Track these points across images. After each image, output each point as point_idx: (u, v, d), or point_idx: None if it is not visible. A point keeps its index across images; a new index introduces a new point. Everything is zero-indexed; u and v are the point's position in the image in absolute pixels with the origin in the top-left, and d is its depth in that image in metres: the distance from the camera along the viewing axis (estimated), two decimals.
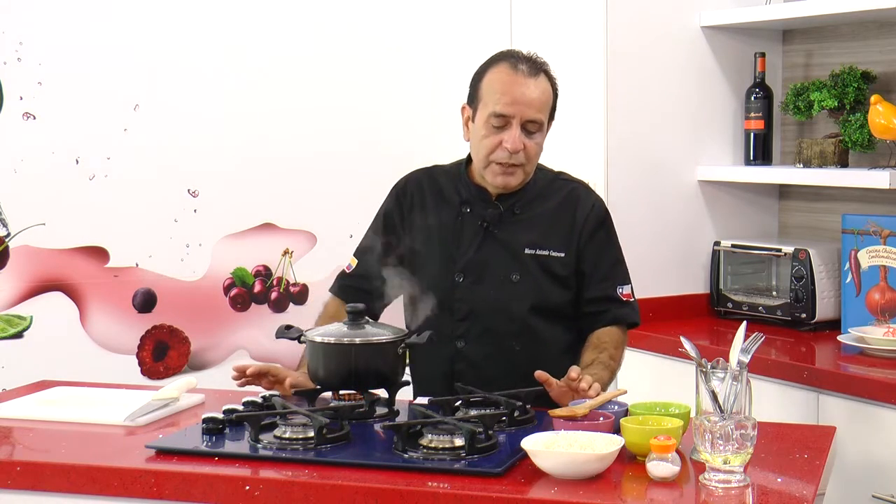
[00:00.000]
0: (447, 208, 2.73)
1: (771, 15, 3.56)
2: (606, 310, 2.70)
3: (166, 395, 2.61)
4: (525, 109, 2.59)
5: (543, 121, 2.64)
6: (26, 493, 2.23)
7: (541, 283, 2.67)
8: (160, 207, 3.72)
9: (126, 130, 3.67)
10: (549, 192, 2.73)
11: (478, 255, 2.68)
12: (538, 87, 2.61)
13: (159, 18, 3.71)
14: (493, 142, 2.61)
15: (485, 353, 2.66)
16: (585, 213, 2.71)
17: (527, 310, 2.66)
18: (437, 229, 2.72)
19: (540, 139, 2.65)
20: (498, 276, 2.67)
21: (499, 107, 2.59)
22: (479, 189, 2.71)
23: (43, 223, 3.58)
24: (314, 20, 3.93)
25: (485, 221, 2.69)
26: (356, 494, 2.06)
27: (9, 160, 3.53)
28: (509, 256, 2.67)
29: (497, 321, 2.66)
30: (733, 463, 2.02)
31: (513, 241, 2.68)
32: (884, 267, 3.26)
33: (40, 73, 3.55)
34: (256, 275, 3.89)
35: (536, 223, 2.69)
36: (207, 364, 3.82)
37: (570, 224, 2.70)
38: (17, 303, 3.56)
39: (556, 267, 2.68)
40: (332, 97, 3.94)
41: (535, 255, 2.67)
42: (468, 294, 2.67)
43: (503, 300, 2.66)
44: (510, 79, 2.60)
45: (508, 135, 2.59)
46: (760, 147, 3.75)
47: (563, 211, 2.71)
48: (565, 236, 2.69)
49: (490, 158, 2.63)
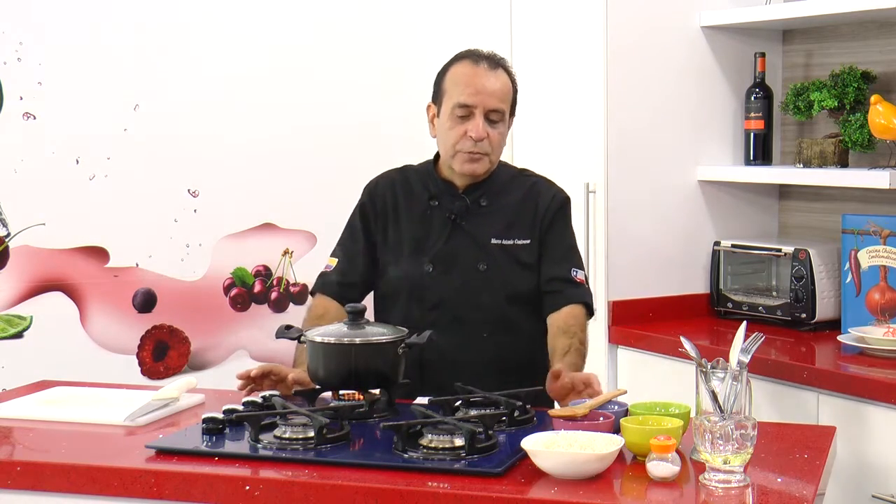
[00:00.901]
0: (416, 203, 2.83)
1: (771, 15, 3.55)
2: (561, 290, 2.78)
3: (166, 395, 2.62)
4: (487, 99, 2.72)
5: (505, 111, 2.76)
6: (26, 493, 2.23)
7: (508, 271, 2.77)
8: (160, 207, 3.72)
9: (126, 130, 3.67)
10: (513, 186, 2.84)
11: (446, 247, 2.78)
12: (499, 80, 2.75)
13: (159, 18, 3.71)
14: (458, 132, 2.73)
15: (454, 341, 2.72)
16: (547, 202, 2.83)
17: (495, 298, 2.76)
18: (408, 223, 2.82)
19: (503, 129, 2.78)
20: (466, 265, 2.77)
21: (462, 97, 2.72)
22: (446, 183, 2.82)
23: (43, 223, 3.58)
24: (314, 21, 3.93)
25: (452, 214, 2.79)
26: (356, 494, 2.06)
27: (9, 160, 3.53)
28: (476, 247, 2.77)
29: (466, 310, 2.75)
30: (733, 463, 2.02)
31: (479, 231, 2.78)
32: (884, 267, 3.26)
33: (40, 73, 3.56)
34: (256, 275, 3.89)
35: (502, 214, 2.80)
36: (207, 364, 3.82)
37: (533, 213, 2.81)
38: (17, 303, 3.56)
39: (522, 255, 2.78)
40: (333, 97, 3.95)
41: (501, 245, 2.78)
42: (437, 284, 2.76)
43: (471, 289, 2.76)
44: (472, 71, 2.74)
45: (472, 124, 2.72)
46: (760, 147, 3.75)
47: (526, 202, 2.82)
48: (529, 225, 2.80)
49: (456, 148, 2.74)
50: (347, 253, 2.87)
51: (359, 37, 3.98)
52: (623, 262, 3.61)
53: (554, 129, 3.80)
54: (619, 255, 3.60)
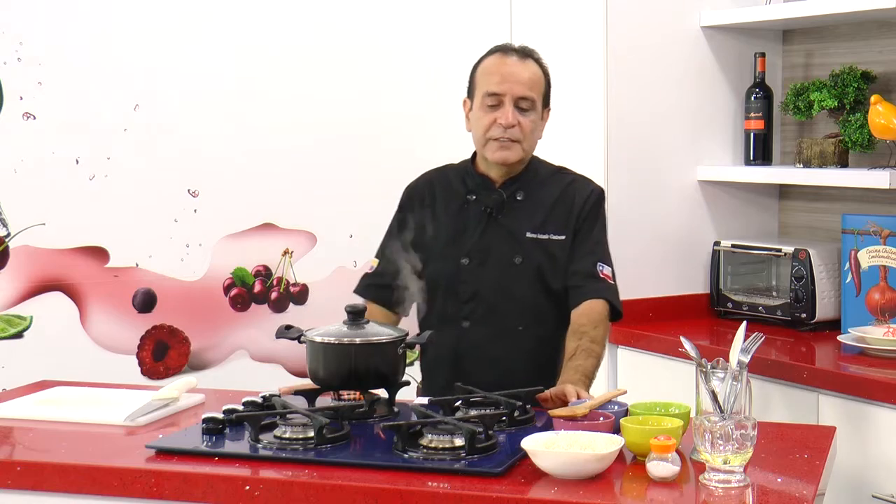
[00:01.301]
0: (454, 198, 2.87)
1: (771, 15, 3.56)
2: (582, 285, 2.79)
3: (166, 395, 2.62)
4: (515, 87, 2.76)
5: (535, 99, 2.78)
6: (26, 493, 2.23)
7: (542, 265, 2.79)
8: (160, 207, 3.72)
9: (126, 130, 3.66)
10: (551, 182, 2.86)
11: (482, 240, 2.81)
12: (528, 69, 2.80)
13: (159, 18, 3.70)
14: (488, 120, 2.77)
15: (489, 333, 2.77)
16: (584, 198, 2.84)
17: (529, 291, 2.78)
18: (445, 218, 2.85)
19: (534, 117, 2.79)
20: (501, 259, 2.79)
21: (491, 86, 2.76)
22: (483, 178, 2.85)
23: (43, 223, 3.58)
24: (314, 20, 3.92)
25: (488, 207, 2.81)
26: (356, 494, 2.06)
27: (9, 160, 3.53)
28: (512, 240, 2.80)
29: (500, 302, 2.78)
30: (733, 463, 2.02)
31: (515, 225, 2.80)
32: (884, 267, 3.26)
33: (40, 73, 3.55)
34: (256, 275, 3.89)
35: (537, 209, 2.82)
36: (207, 364, 3.82)
37: (569, 209, 2.83)
38: (17, 303, 3.56)
39: (556, 250, 2.80)
40: (333, 97, 3.94)
41: (536, 239, 2.80)
42: (473, 276, 2.79)
43: (506, 282, 2.78)
44: (500, 61, 2.81)
45: (502, 112, 2.75)
46: (760, 147, 3.75)
47: (563, 198, 2.84)
48: (564, 220, 2.82)
49: (487, 136, 2.78)
50: (385, 254, 2.91)
51: (358, 37, 3.98)
52: (623, 261, 3.60)
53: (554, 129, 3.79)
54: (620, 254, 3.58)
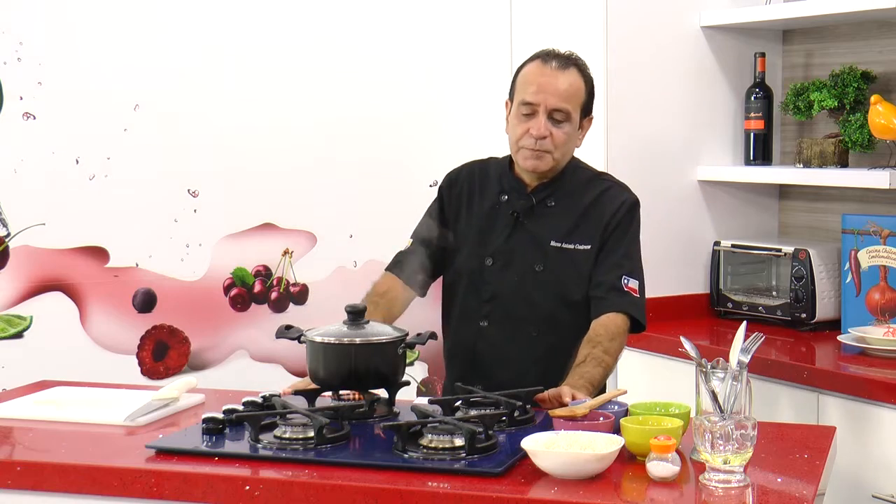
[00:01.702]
0: (489, 196, 2.87)
1: (771, 15, 3.56)
2: (605, 297, 2.75)
3: (166, 395, 2.62)
4: (550, 98, 2.74)
5: (570, 111, 2.76)
6: (26, 493, 2.23)
7: (563, 275, 2.78)
8: (160, 207, 3.72)
9: (126, 130, 3.66)
10: (585, 190, 2.84)
11: (507, 243, 2.81)
12: (566, 80, 2.76)
13: (159, 18, 3.70)
14: (521, 129, 2.77)
15: (504, 334, 2.79)
16: (615, 208, 2.81)
17: (547, 299, 2.78)
18: (476, 215, 2.86)
19: (568, 129, 2.77)
20: (523, 264, 2.79)
21: (527, 96, 2.76)
22: (517, 180, 2.86)
23: (43, 223, 3.58)
24: (314, 20, 3.92)
25: (516, 212, 2.81)
26: (356, 494, 2.06)
27: (9, 160, 3.53)
28: (535, 247, 2.79)
29: (518, 307, 2.79)
30: (733, 463, 2.02)
31: (540, 232, 2.80)
32: (884, 267, 3.26)
33: (40, 73, 3.55)
34: (256, 275, 3.89)
35: (567, 216, 2.80)
36: (207, 364, 3.82)
37: (599, 219, 2.80)
38: (17, 303, 3.56)
39: (580, 260, 2.78)
40: (332, 98, 3.94)
41: (560, 248, 2.78)
42: (494, 278, 2.80)
43: (525, 288, 2.78)
44: (539, 71, 2.78)
45: (535, 122, 2.74)
46: (760, 147, 3.75)
47: (594, 207, 2.82)
48: (593, 230, 2.79)
49: (519, 144, 2.78)
50: (420, 236, 2.93)
51: (358, 37, 3.98)
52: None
53: None
54: None
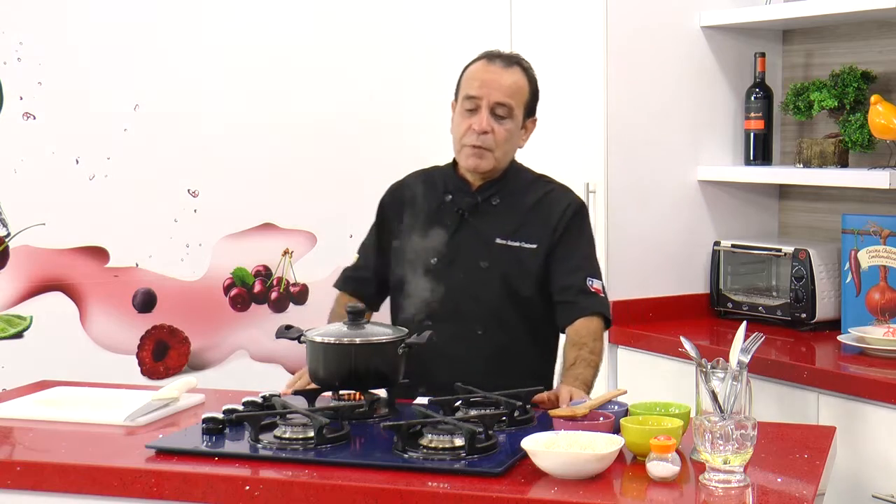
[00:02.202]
0: (433, 198, 2.86)
1: (771, 15, 3.55)
2: (575, 301, 2.76)
3: (166, 395, 2.62)
4: (492, 92, 2.74)
5: (513, 106, 2.76)
6: (26, 493, 2.23)
7: (508, 272, 2.77)
8: (160, 207, 3.72)
9: (126, 130, 3.66)
10: (529, 190, 2.85)
11: (452, 241, 2.79)
12: (510, 76, 2.77)
13: (159, 19, 3.70)
14: (464, 125, 2.77)
15: (450, 333, 2.73)
16: (561, 210, 2.82)
17: (492, 296, 2.77)
18: (422, 217, 2.84)
19: (510, 126, 2.77)
20: (468, 261, 2.78)
21: (470, 90, 2.76)
22: (461, 180, 2.85)
23: (43, 223, 3.58)
24: (314, 21, 3.93)
25: (461, 209, 2.80)
26: (356, 494, 2.06)
27: (9, 160, 3.53)
28: (480, 244, 2.78)
29: (464, 304, 2.77)
30: (733, 463, 2.02)
31: (486, 230, 2.79)
32: (884, 267, 3.26)
33: (40, 73, 3.55)
34: (256, 275, 3.89)
35: (512, 215, 2.80)
36: (207, 364, 3.82)
37: (546, 219, 2.81)
38: (17, 303, 3.56)
39: (526, 258, 2.78)
40: (333, 97, 3.94)
41: (506, 246, 2.78)
42: (440, 277, 2.77)
43: (471, 285, 2.77)
44: (484, 68, 2.79)
45: (477, 118, 2.74)
46: (760, 147, 3.75)
47: (540, 207, 2.82)
48: (540, 230, 2.79)
49: (462, 142, 2.78)
50: (364, 249, 2.97)
51: (358, 37, 3.98)
52: (623, 262, 3.61)
53: (554, 129, 3.79)
54: (619, 255, 3.60)
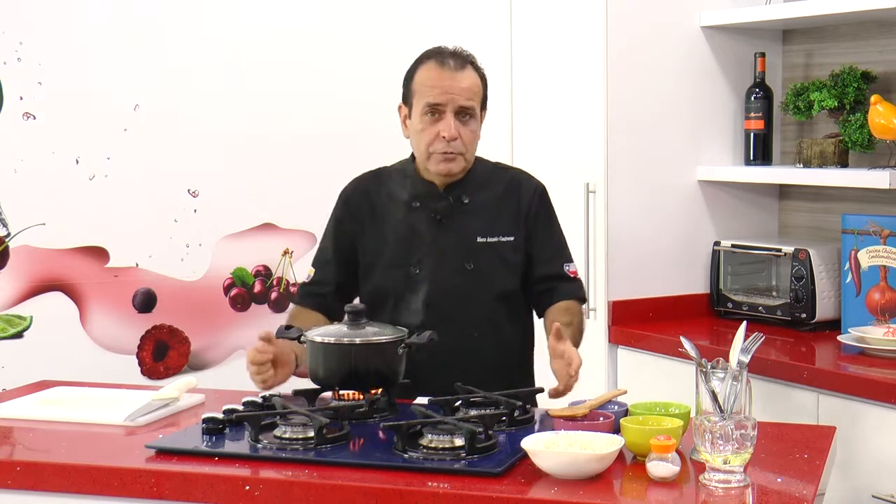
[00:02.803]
0: (397, 206, 2.82)
1: (771, 15, 3.55)
2: (555, 287, 2.81)
3: (166, 395, 2.62)
4: (456, 98, 2.72)
5: (475, 108, 2.76)
6: (26, 493, 2.23)
7: (494, 269, 2.78)
8: (160, 207, 3.72)
9: (126, 130, 3.67)
10: (492, 181, 2.85)
11: (433, 247, 2.77)
12: (467, 78, 2.75)
13: (159, 19, 3.71)
14: (430, 133, 2.73)
15: (444, 342, 2.67)
16: (529, 196, 2.83)
17: (483, 297, 2.76)
18: (390, 227, 2.80)
19: (474, 126, 2.77)
20: (454, 265, 2.76)
21: (431, 98, 2.72)
22: (426, 183, 2.81)
23: (43, 223, 3.58)
24: (314, 22, 3.93)
25: (437, 214, 2.78)
26: (356, 494, 2.06)
27: (9, 160, 3.53)
28: (463, 246, 2.77)
29: (455, 310, 2.75)
30: (733, 463, 2.02)
31: (465, 230, 2.78)
32: (884, 267, 3.26)
33: (40, 73, 3.55)
34: (256, 275, 3.89)
35: (484, 211, 2.80)
36: (207, 364, 3.82)
37: (517, 208, 2.82)
38: (17, 303, 3.56)
39: (506, 252, 2.79)
40: (333, 97, 3.95)
41: (486, 243, 2.78)
42: (425, 285, 2.75)
43: (460, 288, 2.75)
44: (438, 73, 2.74)
45: (444, 124, 2.71)
46: (760, 147, 3.74)
47: (507, 197, 2.83)
48: (512, 220, 2.80)
49: (430, 150, 2.74)
50: (320, 262, 2.90)
51: (358, 37, 3.98)
52: (623, 262, 3.61)
53: (554, 129, 3.80)
54: (619, 255, 3.60)
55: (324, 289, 2.86)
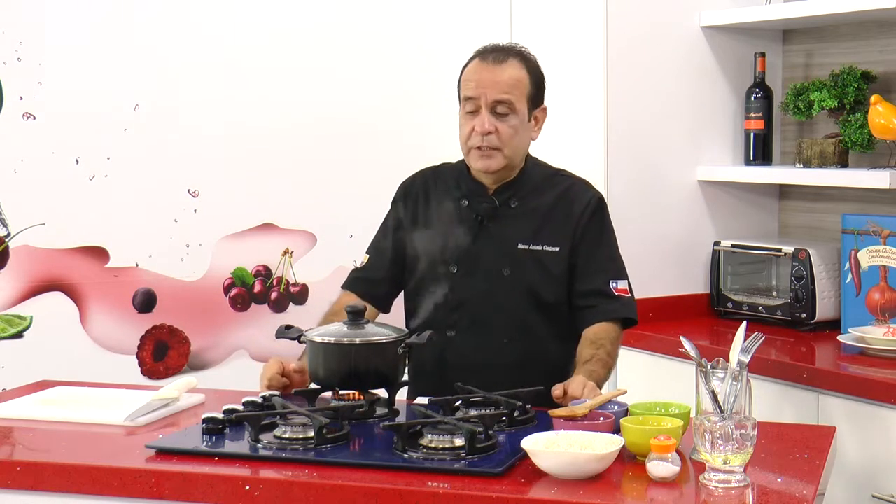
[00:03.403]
0: (447, 202, 2.79)
1: (771, 15, 3.56)
2: (596, 305, 2.72)
3: (166, 395, 2.62)
4: (489, 91, 2.67)
5: (513, 101, 2.68)
6: (26, 493, 2.23)
7: (532, 278, 2.71)
8: (160, 207, 3.72)
9: (126, 130, 3.66)
10: (547, 187, 2.78)
11: (472, 248, 2.73)
12: (505, 71, 2.69)
13: (159, 18, 3.70)
14: (468, 128, 2.70)
15: (474, 343, 2.70)
16: (581, 208, 2.75)
17: (517, 304, 2.71)
18: (437, 223, 2.78)
19: (515, 122, 2.70)
20: (490, 269, 2.72)
21: (467, 91, 2.69)
22: (476, 183, 2.77)
23: (43, 223, 3.58)
24: (314, 22, 3.92)
25: (479, 215, 2.74)
26: (356, 494, 2.06)
27: (9, 160, 3.53)
28: (501, 250, 2.72)
29: (487, 313, 2.71)
30: (733, 463, 2.02)
31: (506, 235, 2.72)
32: (884, 267, 3.26)
33: (40, 73, 3.55)
34: (256, 275, 3.89)
35: (532, 217, 2.73)
36: (207, 364, 3.82)
37: (566, 219, 2.74)
38: (17, 303, 3.56)
39: (549, 262, 2.71)
40: (332, 97, 3.94)
41: (528, 250, 2.71)
42: (460, 285, 2.72)
43: (493, 293, 2.71)
44: (478, 67, 2.71)
45: (479, 119, 2.67)
46: (760, 147, 3.75)
47: (559, 206, 2.75)
48: (560, 231, 2.73)
49: (468, 145, 2.71)
50: (376, 250, 2.88)
51: (358, 36, 3.98)
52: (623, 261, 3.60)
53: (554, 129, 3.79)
54: None
55: (375, 275, 2.84)
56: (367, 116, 3.97)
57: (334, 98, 3.94)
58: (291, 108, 3.90)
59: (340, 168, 3.95)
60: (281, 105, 3.88)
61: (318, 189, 3.93)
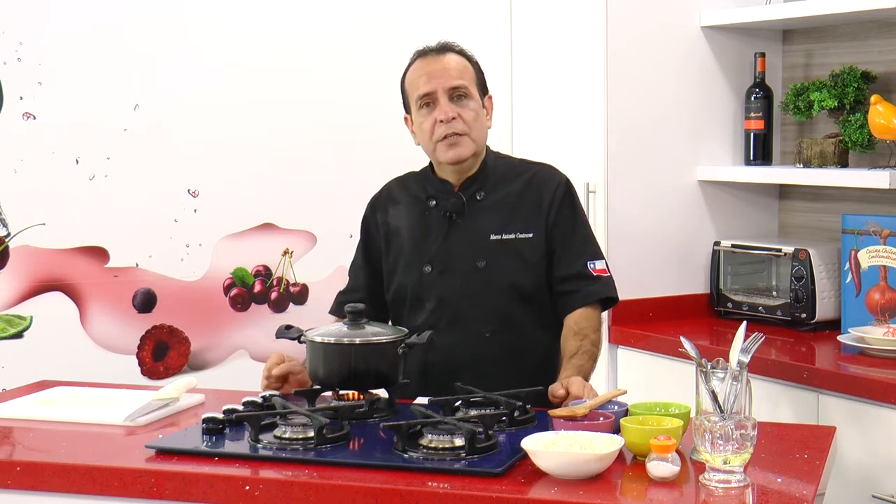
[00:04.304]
0: (416, 207, 2.81)
1: (771, 15, 3.55)
2: (577, 289, 2.73)
3: (166, 395, 2.62)
4: (442, 80, 2.70)
5: (467, 85, 2.72)
6: (26, 493, 2.23)
7: (509, 268, 2.72)
8: (160, 207, 3.72)
9: (126, 130, 3.67)
10: (512, 177, 2.79)
11: (444, 246, 2.74)
12: (450, 61, 2.74)
13: (159, 18, 3.70)
14: (430, 123, 2.71)
15: (454, 340, 2.69)
16: (551, 193, 2.76)
17: (496, 296, 2.71)
18: (408, 228, 2.79)
19: (474, 106, 2.72)
20: (464, 264, 2.73)
21: (420, 89, 2.71)
22: (442, 182, 2.79)
23: (43, 223, 3.58)
24: (314, 22, 3.93)
25: (448, 212, 2.75)
26: (356, 494, 2.06)
27: (9, 160, 3.53)
28: (474, 244, 2.73)
29: (466, 309, 2.72)
30: (733, 463, 2.02)
31: (477, 228, 2.74)
32: (884, 267, 3.26)
33: (40, 73, 3.55)
34: (256, 275, 3.89)
35: (501, 207, 2.75)
36: (207, 364, 3.82)
37: (537, 204, 2.75)
38: (17, 303, 3.56)
39: (524, 250, 2.73)
40: (332, 97, 3.94)
41: (501, 240, 2.72)
42: (436, 285, 2.73)
43: (470, 288, 2.71)
44: (422, 64, 2.76)
45: (439, 109, 2.69)
46: (760, 147, 3.75)
47: (527, 193, 2.77)
48: (532, 217, 2.74)
49: (434, 139, 2.71)
50: (354, 269, 2.91)
51: (358, 36, 3.98)
52: (623, 262, 3.60)
53: (554, 129, 3.80)
54: (620, 255, 3.60)
55: (355, 295, 2.84)
56: (367, 117, 3.98)
57: (334, 99, 3.95)
58: (292, 109, 3.90)
59: (340, 168, 3.96)
60: (281, 106, 3.88)
61: (318, 189, 3.94)
